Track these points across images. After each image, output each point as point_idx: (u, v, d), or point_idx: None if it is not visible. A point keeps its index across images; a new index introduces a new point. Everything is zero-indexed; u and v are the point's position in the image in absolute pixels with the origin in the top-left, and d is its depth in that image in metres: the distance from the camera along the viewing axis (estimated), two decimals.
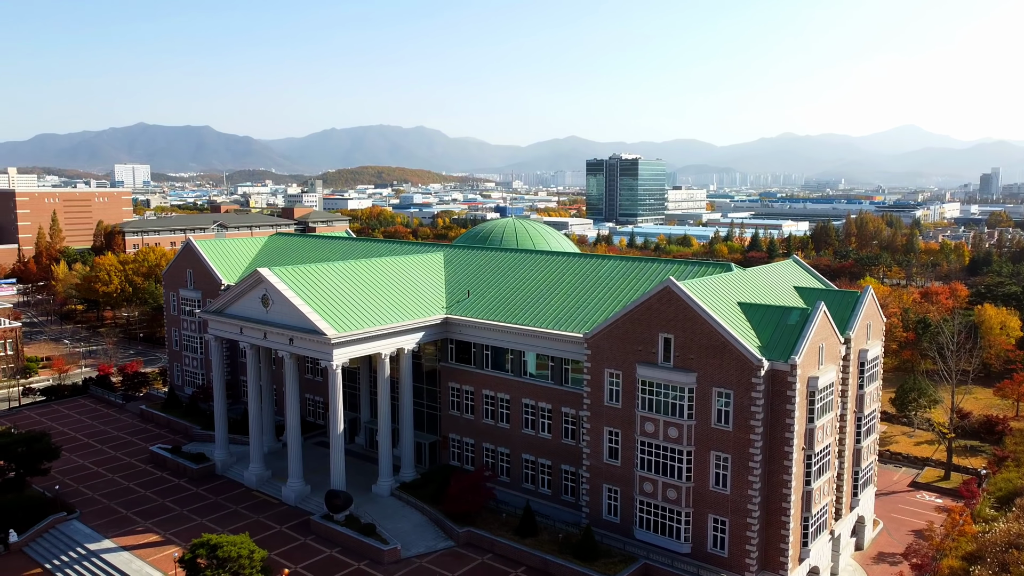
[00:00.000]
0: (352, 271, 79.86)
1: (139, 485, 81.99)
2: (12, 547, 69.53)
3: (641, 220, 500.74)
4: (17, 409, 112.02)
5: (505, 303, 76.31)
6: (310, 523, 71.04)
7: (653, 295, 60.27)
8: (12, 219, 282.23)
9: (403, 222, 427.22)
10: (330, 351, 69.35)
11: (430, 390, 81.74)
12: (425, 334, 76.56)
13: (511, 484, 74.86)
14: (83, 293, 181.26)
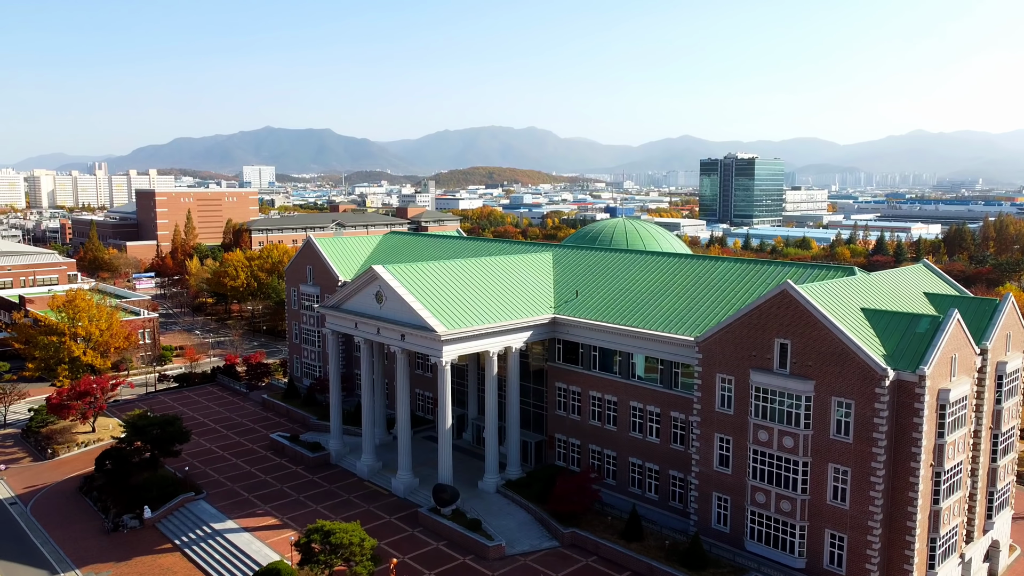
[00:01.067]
0: (462, 270, 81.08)
1: (260, 470, 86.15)
2: (146, 522, 74.51)
3: (757, 222, 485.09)
4: (153, 394, 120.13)
5: (614, 304, 75.49)
6: (418, 515, 72.59)
7: (769, 299, 58.09)
8: (152, 217, 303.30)
9: (513, 222, 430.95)
10: (440, 347, 70.62)
11: (537, 389, 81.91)
12: (533, 333, 76.76)
13: (617, 487, 73.98)
14: (213, 287, 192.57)
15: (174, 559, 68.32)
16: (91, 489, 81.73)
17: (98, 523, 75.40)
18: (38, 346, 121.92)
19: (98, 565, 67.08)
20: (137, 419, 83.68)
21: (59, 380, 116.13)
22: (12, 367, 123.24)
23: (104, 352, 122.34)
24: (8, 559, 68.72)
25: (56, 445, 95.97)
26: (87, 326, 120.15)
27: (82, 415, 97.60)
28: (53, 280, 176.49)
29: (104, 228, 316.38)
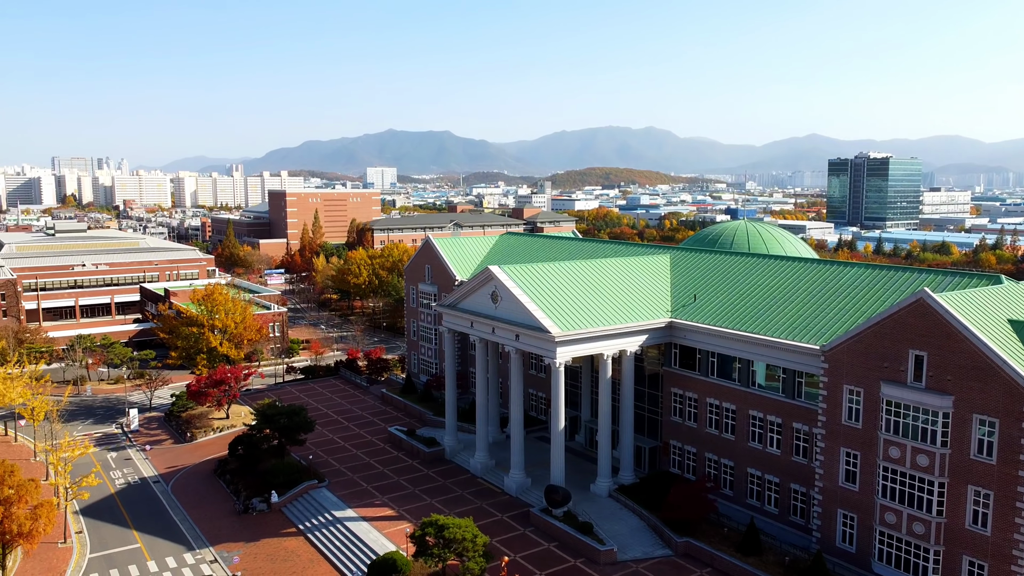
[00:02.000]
0: (578, 271, 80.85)
1: (378, 462, 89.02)
2: (273, 507, 78.49)
3: (890, 225, 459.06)
4: (281, 385, 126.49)
5: (734, 309, 73.24)
6: (529, 515, 72.97)
7: (904, 307, 54.73)
8: (283, 216, 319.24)
9: (629, 223, 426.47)
10: (553, 349, 70.70)
11: (652, 394, 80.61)
12: (648, 337, 75.59)
13: (734, 498, 71.74)
14: (337, 284, 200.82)
15: (298, 543, 71.61)
16: (224, 472, 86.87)
17: (230, 505, 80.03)
18: (180, 336, 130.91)
19: (230, 544, 71.17)
20: (267, 408, 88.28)
21: (198, 368, 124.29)
22: (157, 355, 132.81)
23: (238, 343, 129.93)
24: (151, 533, 74.04)
25: (194, 429, 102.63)
26: (223, 319, 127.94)
27: (217, 402, 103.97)
28: (194, 275, 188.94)
29: (239, 226, 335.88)
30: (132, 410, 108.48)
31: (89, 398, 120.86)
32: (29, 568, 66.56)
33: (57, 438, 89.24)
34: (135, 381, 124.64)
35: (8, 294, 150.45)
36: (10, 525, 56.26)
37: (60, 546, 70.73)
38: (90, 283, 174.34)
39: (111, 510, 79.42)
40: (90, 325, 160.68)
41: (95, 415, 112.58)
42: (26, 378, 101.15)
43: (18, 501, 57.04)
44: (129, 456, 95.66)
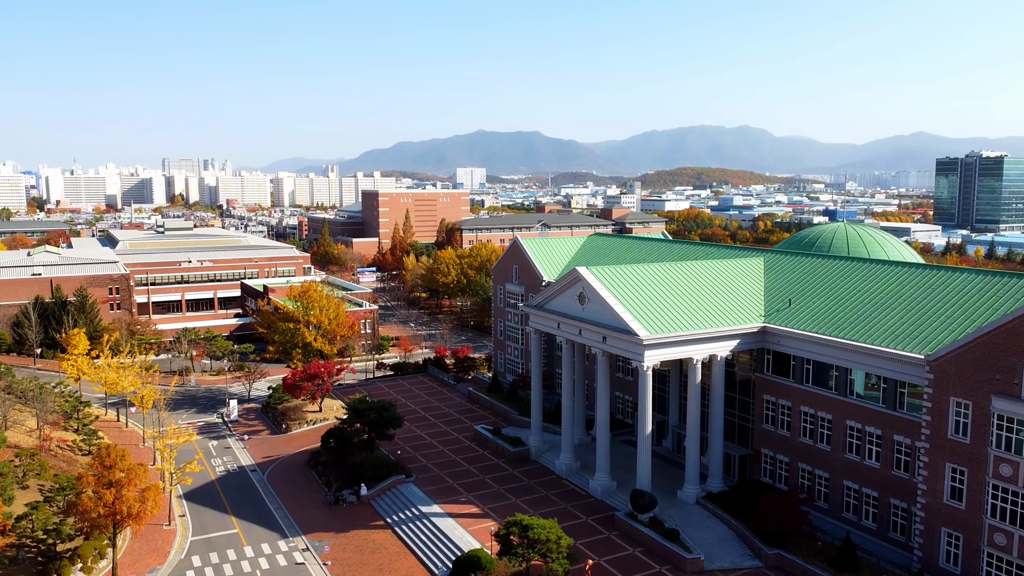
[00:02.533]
0: (667, 273, 79.56)
1: (464, 460, 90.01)
2: (362, 499, 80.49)
3: (1004, 228, 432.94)
4: (371, 380, 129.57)
5: (831, 315, 70.48)
6: (614, 519, 72.28)
7: (1020, 316, 51.40)
8: (375, 216, 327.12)
9: (721, 225, 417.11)
10: (641, 352, 69.79)
11: (743, 400, 78.51)
12: (740, 342, 73.65)
13: (829, 511, 69.05)
14: (426, 283, 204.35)
15: (385, 536, 73.16)
16: (317, 464, 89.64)
17: (321, 495, 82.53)
18: (277, 331, 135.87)
19: (321, 534, 73.40)
20: (357, 403, 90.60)
21: (293, 363, 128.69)
22: (256, 349, 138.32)
23: (331, 339, 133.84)
24: (247, 520, 77.14)
25: (289, 421, 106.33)
26: (318, 315, 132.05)
27: (311, 395, 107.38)
28: (291, 272, 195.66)
29: (334, 226, 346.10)
30: (232, 401, 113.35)
31: (193, 388, 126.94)
32: (136, 547, 70.43)
33: (163, 426, 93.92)
34: (235, 373, 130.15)
35: (122, 288, 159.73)
36: (121, 506, 59.61)
37: (165, 528, 74.54)
38: (195, 279, 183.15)
39: (211, 496, 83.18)
40: (195, 319, 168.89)
41: (198, 405, 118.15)
42: (137, 368, 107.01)
43: (128, 484, 60.36)
44: (229, 445, 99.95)
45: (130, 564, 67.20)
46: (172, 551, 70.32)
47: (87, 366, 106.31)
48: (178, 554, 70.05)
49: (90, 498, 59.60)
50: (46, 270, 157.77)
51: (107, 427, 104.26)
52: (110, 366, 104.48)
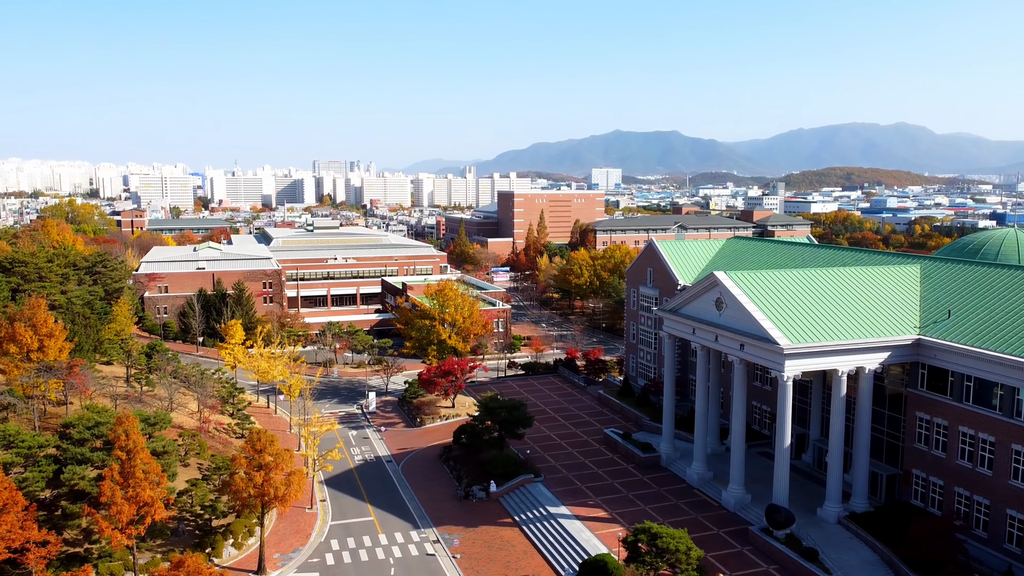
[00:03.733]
0: (811, 280, 75.76)
1: (593, 462, 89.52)
2: (492, 496, 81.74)
3: None
4: (503, 379, 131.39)
5: (998, 329, 64.67)
6: (748, 533, 69.64)
7: None
8: (510, 216, 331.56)
9: (872, 228, 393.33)
10: (781, 361, 66.82)
11: (892, 417, 73.55)
12: (891, 355, 69.03)
13: (988, 541, 63.47)
14: (559, 283, 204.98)
15: (513, 533, 73.94)
16: (448, 458, 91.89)
17: (452, 490, 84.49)
18: (414, 328, 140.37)
19: (451, 527, 75.16)
20: (489, 401, 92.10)
21: (429, 359, 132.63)
22: (394, 344, 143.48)
23: (465, 337, 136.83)
24: (382, 508, 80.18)
25: (423, 415, 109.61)
26: (453, 313, 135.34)
27: (445, 391, 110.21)
28: (428, 270, 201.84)
29: (470, 225, 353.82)
30: (371, 393, 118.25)
31: (335, 380, 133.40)
32: (281, 528, 74.79)
33: (308, 414, 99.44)
34: (374, 367, 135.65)
35: (274, 283, 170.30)
36: (269, 488, 63.43)
37: (307, 511, 78.73)
38: (340, 275, 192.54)
39: (350, 483, 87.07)
40: (339, 313, 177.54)
41: (340, 395, 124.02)
42: (286, 358, 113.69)
43: (276, 468, 64.13)
44: (367, 435, 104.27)
45: (275, 543, 71.45)
46: (313, 533, 74.17)
47: (242, 355, 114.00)
48: (318, 536, 73.78)
49: (242, 479, 63.79)
50: (209, 265, 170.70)
51: (258, 413, 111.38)
52: (262, 356, 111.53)
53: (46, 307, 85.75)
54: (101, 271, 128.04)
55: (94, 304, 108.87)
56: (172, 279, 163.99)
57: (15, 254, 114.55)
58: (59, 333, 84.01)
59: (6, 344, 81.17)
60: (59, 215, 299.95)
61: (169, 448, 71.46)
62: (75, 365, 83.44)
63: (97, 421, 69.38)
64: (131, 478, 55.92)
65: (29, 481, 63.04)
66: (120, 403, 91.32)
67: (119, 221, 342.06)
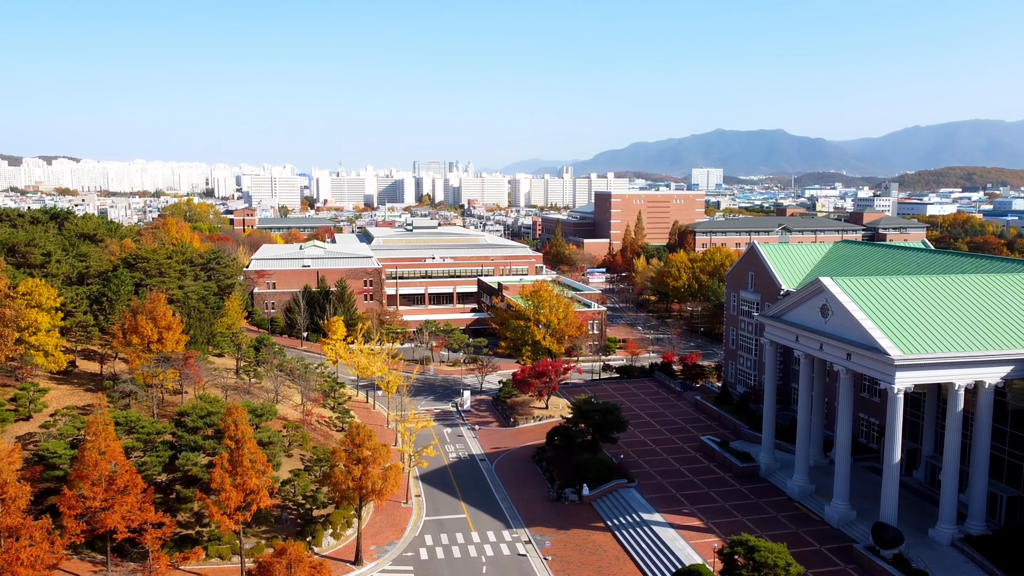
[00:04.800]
0: (926, 287, 71.78)
1: (688, 470, 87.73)
2: (584, 499, 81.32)
3: None
4: (597, 381, 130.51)
5: None
6: (852, 551, 66.61)
7: None
8: (607, 217, 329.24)
9: (996, 232, 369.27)
10: (892, 373, 63.57)
11: (1015, 435, 68.77)
12: (1015, 369, 64.57)
13: None
14: (656, 286, 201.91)
15: (605, 538, 73.32)
16: (541, 459, 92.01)
17: (544, 491, 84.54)
18: (509, 328, 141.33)
19: (542, 528, 75.23)
20: (583, 403, 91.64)
21: (523, 359, 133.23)
22: (489, 344, 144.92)
23: (560, 338, 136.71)
24: (475, 506, 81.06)
25: (517, 415, 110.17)
26: (548, 314, 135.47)
27: (539, 392, 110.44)
28: (524, 271, 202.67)
29: (566, 226, 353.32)
30: (466, 392, 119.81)
31: (432, 377, 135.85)
32: (377, 520, 76.73)
33: (405, 410, 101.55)
34: (469, 366, 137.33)
35: (375, 281, 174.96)
36: (366, 482, 65.22)
37: (403, 506, 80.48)
38: (437, 274, 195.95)
39: (444, 480, 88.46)
40: (435, 312, 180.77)
41: (435, 393, 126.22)
42: (385, 355, 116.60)
43: (373, 462, 65.86)
44: (461, 433, 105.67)
45: (372, 535, 73.36)
46: (408, 528, 75.75)
47: (343, 351, 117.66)
48: (413, 531, 75.29)
49: (341, 472, 65.82)
50: (314, 263, 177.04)
51: (357, 407, 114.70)
52: (362, 352, 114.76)
53: (165, 301, 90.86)
54: (215, 268, 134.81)
55: (208, 299, 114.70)
56: (279, 276, 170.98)
57: (139, 251, 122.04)
58: (176, 326, 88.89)
59: (130, 335, 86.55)
60: (178, 214, 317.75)
61: (274, 439, 74.47)
62: (190, 356, 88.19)
63: (209, 411, 73.04)
64: (239, 466, 58.57)
65: (147, 465, 67.00)
66: (230, 394, 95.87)
67: (232, 220, 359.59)
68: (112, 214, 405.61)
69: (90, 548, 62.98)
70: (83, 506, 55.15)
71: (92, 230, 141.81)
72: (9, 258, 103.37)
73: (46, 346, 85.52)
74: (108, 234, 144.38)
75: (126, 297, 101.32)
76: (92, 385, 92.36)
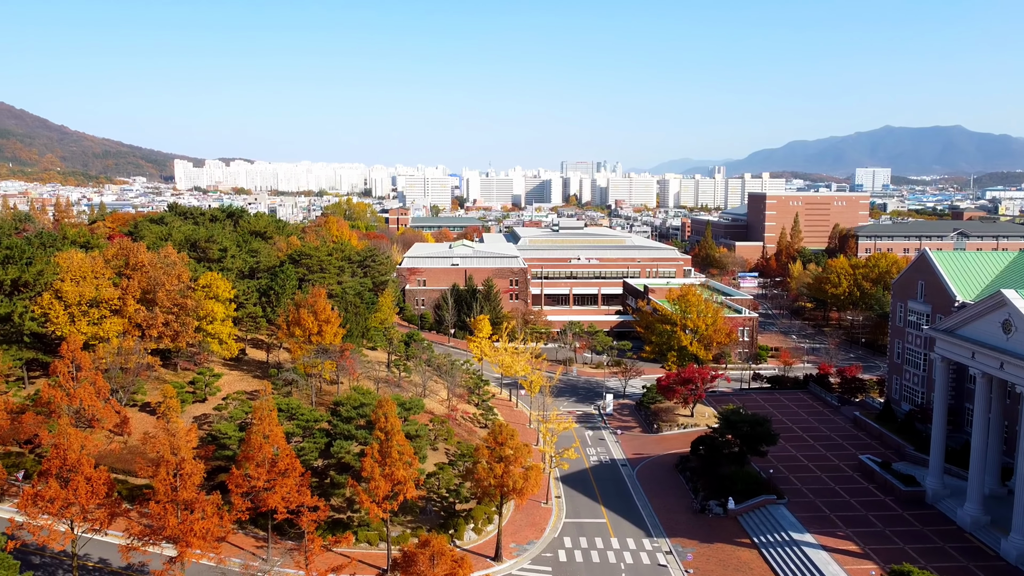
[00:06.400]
0: None
1: (844, 490, 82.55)
2: (729, 513, 78.44)
3: None
4: (746, 391, 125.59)
5: None
6: None
7: None
8: (761, 219, 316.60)
9: None
10: None
11: None
12: None
13: None
14: (813, 292, 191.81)
15: (751, 555, 70.37)
16: (685, 468, 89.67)
17: (687, 501, 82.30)
18: (654, 332, 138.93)
19: (684, 540, 73.25)
20: (730, 413, 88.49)
21: (668, 364, 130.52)
22: (633, 347, 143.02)
23: (707, 345, 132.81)
24: (615, 512, 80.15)
25: (660, 421, 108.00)
26: (695, 319, 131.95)
27: (684, 399, 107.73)
28: (671, 273, 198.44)
29: (717, 228, 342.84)
30: (608, 395, 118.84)
31: (574, 378, 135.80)
32: (518, 519, 77.52)
33: (547, 411, 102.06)
34: (612, 368, 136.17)
35: (520, 281, 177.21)
36: (508, 480, 65.99)
37: (542, 506, 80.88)
38: (582, 275, 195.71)
39: (584, 483, 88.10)
40: (579, 313, 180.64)
41: (578, 394, 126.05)
42: (528, 354, 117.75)
43: (515, 461, 66.53)
44: (603, 437, 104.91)
45: (512, 533, 74.21)
46: (547, 528, 76.03)
47: (488, 349, 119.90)
48: (552, 532, 75.48)
49: (484, 468, 66.95)
50: (462, 261, 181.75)
51: (500, 405, 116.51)
52: (507, 350, 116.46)
53: (325, 296, 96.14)
54: (371, 265, 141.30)
55: (363, 294, 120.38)
56: (429, 274, 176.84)
57: (302, 248, 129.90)
58: (334, 320, 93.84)
59: (293, 327, 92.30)
60: (338, 212, 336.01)
61: (421, 432, 76.97)
62: (346, 349, 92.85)
63: (362, 402, 76.55)
64: (388, 457, 60.90)
65: (305, 450, 71.12)
66: (381, 386, 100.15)
67: (387, 218, 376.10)
68: (280, 212, 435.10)
69: (253, 524, 67.64)
70: (248, 485, 59.22)
71: (262, 228, 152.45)
72: (192, 253, 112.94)
73: (221, 334, 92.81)
74: (276, 232, 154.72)
75: (291, 291, 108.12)
76: (259, 372, 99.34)
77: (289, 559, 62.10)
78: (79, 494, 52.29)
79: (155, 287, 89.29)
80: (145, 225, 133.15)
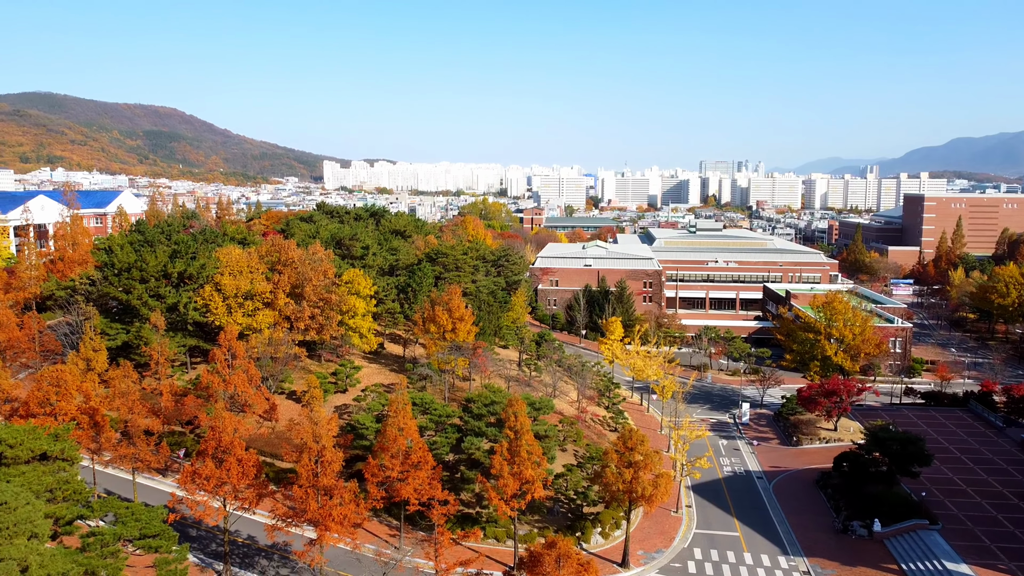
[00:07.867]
0: None
1: (1007, 519, 75.52)
2: (875, 535, 73.56)
3: None
4: (896, 406, 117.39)
5: None
6: None
7: None
8: (918, 222, 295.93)
9: None
10: None
11: None
12: None
13: None
14: (976, 302, 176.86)
15: None
16: (826, 485, 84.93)
17: (827, 520, 77.91)
18: (796, 340, 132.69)
19: (824, 561, 69.33)
20: (879, 430, 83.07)
21: (810, 375, 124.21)
22: (772, 355, 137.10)
23: (854, 356, 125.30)
24: (749, 526, 77.02)
25: (800, 434, 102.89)
26: (841, 328, 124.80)
27: (827, 412, 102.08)
28: (815, 279, 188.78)
29: (868, 231, 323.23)
30: (745, 404, 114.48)
31: (708, 385, 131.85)
32: (645, 526, 76.05)
33: (679, 417, 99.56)
34: (750, 376, 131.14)
35: (654, 283, 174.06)
36: (636, 486, 64.83)
37: (672, 514, 78.97)
38: (720, 278, 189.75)
39: (716, 494, 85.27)
40: (716, 317, 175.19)
41: (712, 402, 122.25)
42: (661, 359, 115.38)
43: (645, 468, 65.26)
44: (737, 447, 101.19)
45: (640, 540, 72.88)
46: (677, 538, 74.14)
47: (620, 351, 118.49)
48: (682, 542, 73.53)
49: (612, 473, 66.12)
50: (595, 262, 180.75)
51: (631, 409, 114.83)
52: (638, 354, 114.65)
53: (460, 294, 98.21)
54: (504, 264, 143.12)
55: (496, 293, 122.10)
56: (562, 274, 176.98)
57: (439, 247, 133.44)
58: (468, 317, 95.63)
59: (428, 323, 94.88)
60: (474, 212, 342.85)
61: (550, 432, 77.04)
62: (479, 347, 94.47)
63: (493, 400, 77.54)
64: (516, 456, 61.31)
65: (438, 445, 72.87)
66: (512, 384, 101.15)
67: (521, 218, 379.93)
68: (419, 211, 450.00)
69: (387, 513, 70.03)
70: (383, 475, 61.30)
71: (402, 227, 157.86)
72: (337, 250, 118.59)
73: (361, 328, 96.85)
74: (415, 230, 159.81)
75: (427, 288, 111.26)
76: (396, 366, 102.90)
77: (419, 550, 63.78)
78: (231, 474, 55.94)
79: (303, 282, 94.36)
80: (295, 223, 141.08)
